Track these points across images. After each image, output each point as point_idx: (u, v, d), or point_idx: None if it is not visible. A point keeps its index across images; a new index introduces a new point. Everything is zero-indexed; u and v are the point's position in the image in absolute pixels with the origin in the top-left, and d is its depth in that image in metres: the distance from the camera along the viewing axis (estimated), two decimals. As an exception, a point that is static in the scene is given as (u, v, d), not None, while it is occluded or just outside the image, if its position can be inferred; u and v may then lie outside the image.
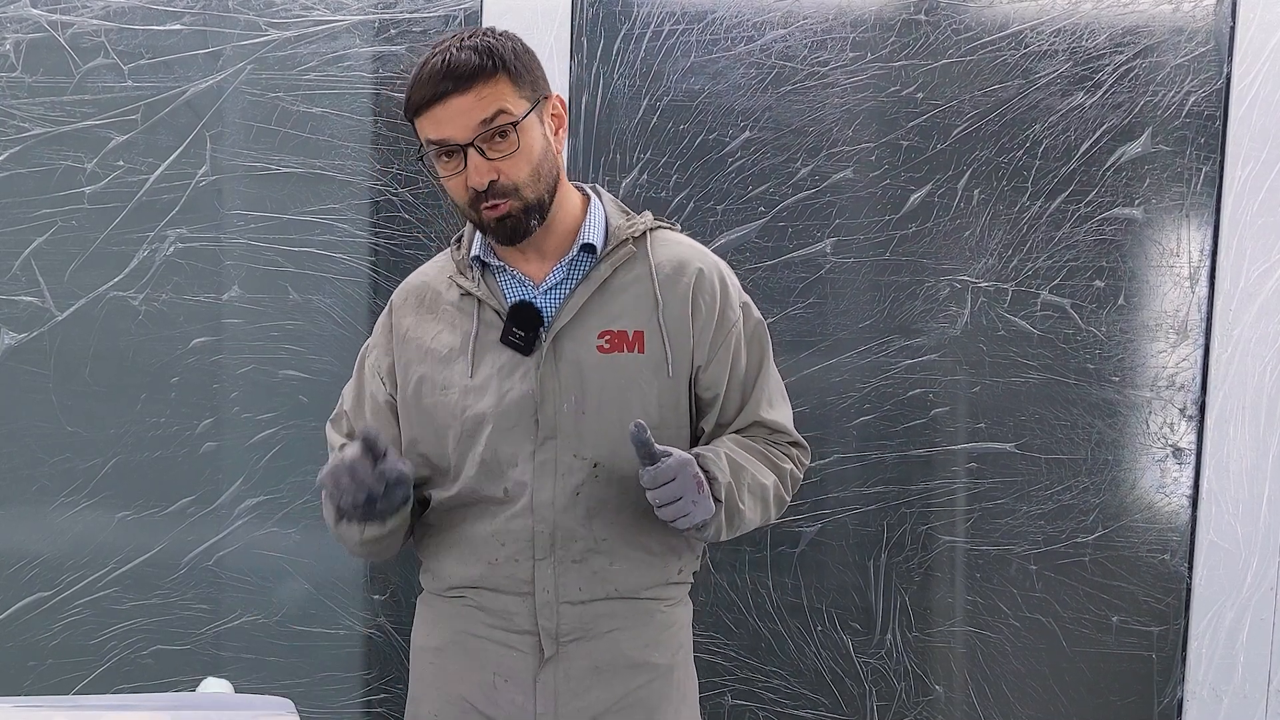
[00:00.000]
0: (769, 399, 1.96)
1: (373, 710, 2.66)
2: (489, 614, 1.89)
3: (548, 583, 1.86)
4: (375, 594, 2.64)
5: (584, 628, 1.88)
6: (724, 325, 1.91)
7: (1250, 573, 2.65)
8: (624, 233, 1.89)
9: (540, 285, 1.88)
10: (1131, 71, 2.59)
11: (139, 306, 2.54)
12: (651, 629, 1.92)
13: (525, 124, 1.77)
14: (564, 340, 1.85)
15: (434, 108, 1.76)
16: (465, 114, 1.74)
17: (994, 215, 2.61)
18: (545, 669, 1.88)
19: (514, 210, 1.79)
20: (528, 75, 1.80)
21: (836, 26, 2.57)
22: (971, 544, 2.67)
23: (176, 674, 2.59)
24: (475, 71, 1.74)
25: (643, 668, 1.91)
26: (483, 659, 1.90)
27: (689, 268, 1.90)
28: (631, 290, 1.87)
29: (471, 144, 1.75)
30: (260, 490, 2.59)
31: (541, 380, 1.83)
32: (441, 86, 1.74)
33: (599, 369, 1.84)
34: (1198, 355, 2.64)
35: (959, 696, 2.71)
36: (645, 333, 1.86)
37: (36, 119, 2.49)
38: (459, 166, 1.77)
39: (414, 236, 2.57)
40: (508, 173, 1.77)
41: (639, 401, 1.85)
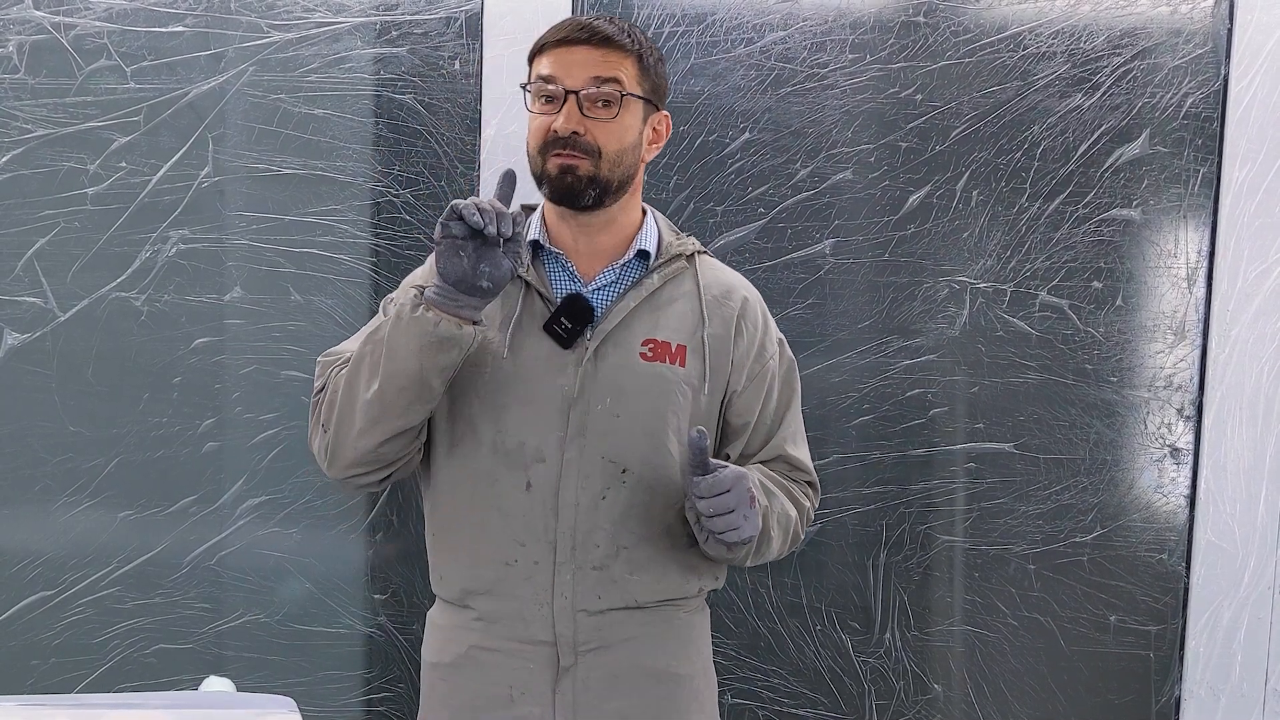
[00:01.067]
0: (794, 436, 1.98)
1: (374, 709, 2.66)
2: (503, 625, 1.86)
3: (566, 589, 1.83)
4: (376, 593, 2.65)
5: (601, 637, 1.86)
6: (762, 357, 1.94)
7: (1248, 572, 2.66)
8: (675, 249, 1.92)
9: (590, 283, 1.88)
10: (1129, 73, 2.60)
11: (141, 307, 2.54)
12: (670, 637, 1.90)
13: (630, 106, 1.82)
14: (608, 342, 1.84)
15: (559, 49, 1.80)
16: (584, 64, 1.79)
17: (992, 216, 2.62)
18: (563, 680, 1.85)
19: (583, 170, 1.79)
20: (653, 75, 1.86)
21: (836, 28, 2.58)
22: (970, 544, 2.68)
23: (179, 673, 2.59)
24: (612, 39, 1.80)
25: (662, 677, 1.89)
26: (497, 673, 1.86)
27: (735, 294, 1.94)
28: (678, 305, 1.89)
29: (578, 93, 1.78)
30: (262, 490, 2.60)
31: (580, 377, 1.82)
32: (576, 34, 1.80)
33: (640, 376, 1.84)
34: (1195, 356, 2.65)
35: (957, 695, 2.72)
36: (687, 348, 1.87)
37: (39, 120, 2.50)
38: (553, 110, 1.80)
39: (415, 238, 2.58)
40: (596, 133, 1.79)
41: (673, 414, 1.85)
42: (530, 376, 1.83)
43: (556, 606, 1.84)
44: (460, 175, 2.57)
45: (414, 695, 2.63)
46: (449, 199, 2.57)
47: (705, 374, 1.87)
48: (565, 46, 1.80)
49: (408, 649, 2.64)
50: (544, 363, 1.83)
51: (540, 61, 1.83)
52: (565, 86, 1.79)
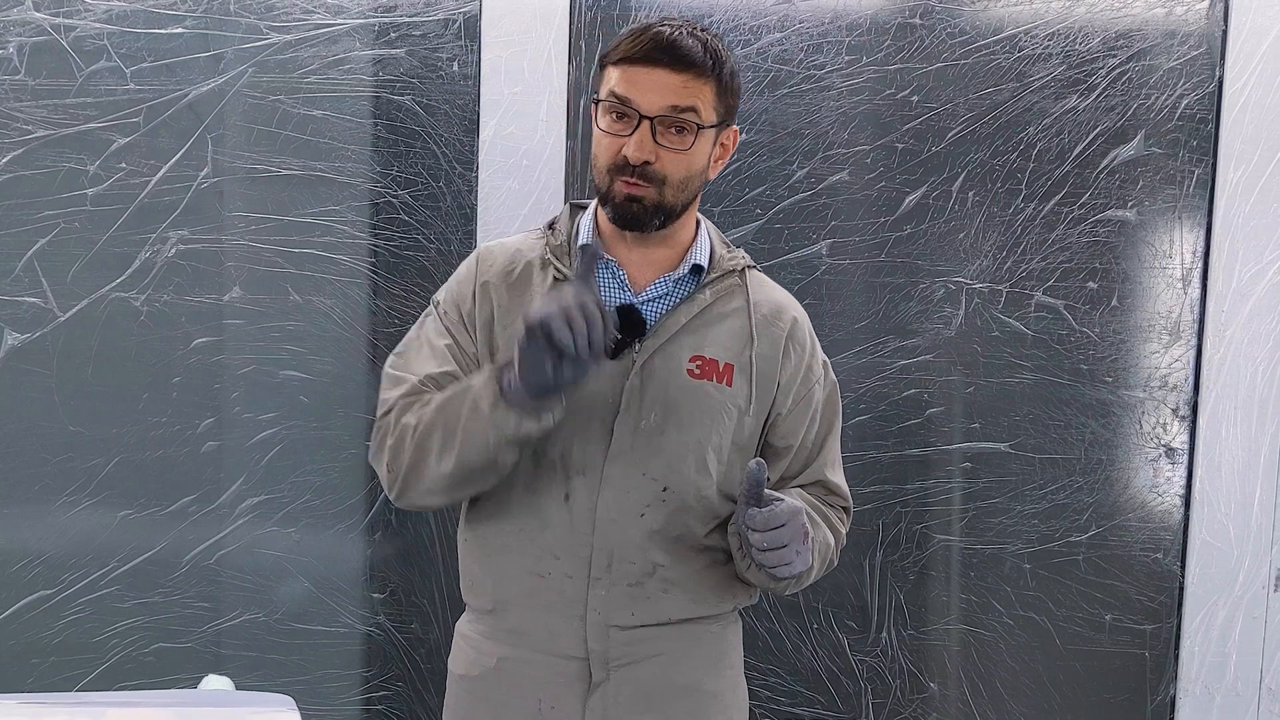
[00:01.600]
0: (833, 461, 1.96)
1: (372, 707, 2.67)
2: (533, 638, 1.83)
3: (599, 604, 1.80)
4: (375, 592, 2.65)
5: (632, 652, 1.83)
6: (809, 379, 1.91)
7: (1242, 572, 2.67)
8: (727, 264, 1.88)
9: (640, 294, 1.84)
10: (1125, 75, 2.61)
11: (141, 307, 2.55)
12: (701, 652, 1.88)
13: (704, 134, 1.76)
14: (656, 356, 1.80)
15: (638, 67, 1.73)
16: (663, 90, 1.72)
17: (988, 217, 2.63)
18: (594, 694, 1.82)
19: (648, 199, 1.75)
20: (730, 96, 1.79)
21: (832, 30, 2.59)
22: (966, 543, 2.69)
23: (178, 671, 2.60)
24: (694, 61, 1.73)
25: (692, 692, 1.87)
26: (528, 685, 1.83)
27: (785, 314, 1.91)
28: (728, 322, 1.85)
29: (652, 119, 1.73)
30: (261, 489, 2.60)
31: (626, 390, 1.79)
32: (657, 55, 1.72)
33: (687, 393, 1.80)
34: (1190, 356, 2.66)
35: (953, 694, 2.72)
36: (735, 367, 1.83)
37: (39, 121, 2.51)
38: (624, 130, 1.74)
39: (413, 238, 2.58)
40: (666, 163, 1.74)
41: (717, 434, 1.82)
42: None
43: (589, 621, 1.81)
44: (459, 176, 2.57)
45: (413, 694, 2.64)
46: (447, 199, 2.58)
47: (751, 395, 1.84)
48: (644, 66, 1.72)
49: (406, 648, 2.65)
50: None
51: (614, 76, 1.75)
52: (641, 111, 1.73)
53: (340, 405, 2.59)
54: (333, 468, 2.61)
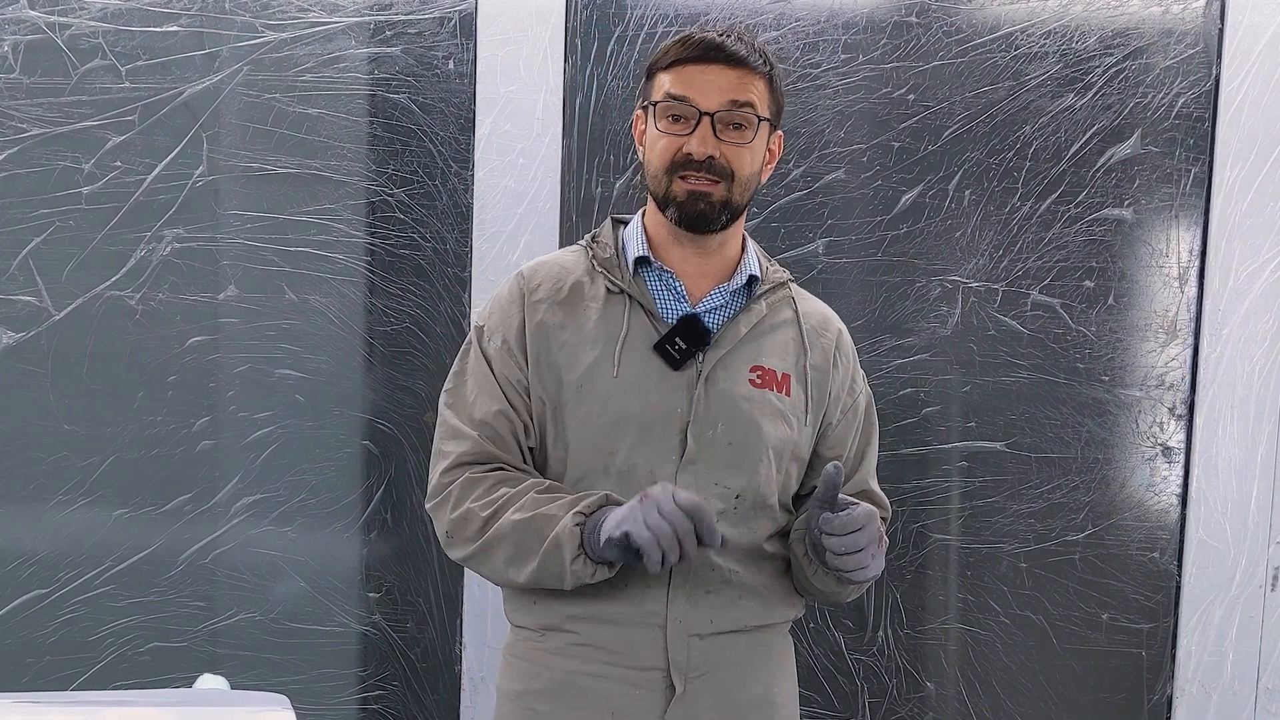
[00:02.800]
0: (874, 472, 1.99)
1: (368, 707, 2.67)
2: (607, 651, 1.80)
3: (680, 614, 1.79)
4: (370, 592, 2.65)
5: (710, 662, 1.82)
6: (854, 390, 1.95)
7: (1239, 571, 2.67)
8: (773, 277, 1.90)
9: (698, 305, 1.84)
10: (1121, 73, 2.61)
11: (136, 306, 2.54)
12: (771, 665, 1.90)
13: (761, 127, 1.79)
14: (720, 367, 1.81)
15: (693, 66, 1.75)
16: (722, 86, 1.75)
17: (985, 216, 2.63)
18: (674, 707, 1.80)
19: (716, 196, 1.77)
20: (778, 95, 1.83)
21: (828, 29, 2.59)
22: (963, 542, 2.69)
23: (173, 671, 2.59)
24: (746, 59, 1.76)
25: (764, 704, 1.87)
26: (599, 700, 1.80)
27: (832, 325, 1.94)
28: (781, 333, 1.87)
29: (712, 115, 1.74)
30: (256, 488, 2.60)
31: (694, 401, 1.79)
32: (712, 53, 1.75)
33: (750, 402, 1.81)
34: (1187, 355, 2.66)
35: (950, 693, 2.72)
36: (792, 377, 1.85)
37: (34, 120, 2.50)
38: (684, 130, 1.75)
39: (409, 237, 2.58)
40: (731, 157, 1.76)
41: (777, 442, 1.83)
42: (642, 398, 1.79)
43: (670, 631, 1.79)
44: (455, 174, 2.57)
45: (408, 693, 2.64)
46: (443, 198, 2.58)
47: (808, 404, 1.86)
48: (698, 65, 1.75)
49: (402, 647, 2.64)
50: (655, 384, 1.79)
51: (666, 79, 1.77)
52: (700, 108, 1.74)
53: (336, 404, 2.59)
54: (328, 467, 2.60)
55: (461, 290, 2.57)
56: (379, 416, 2.60)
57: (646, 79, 1.83)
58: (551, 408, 1.82)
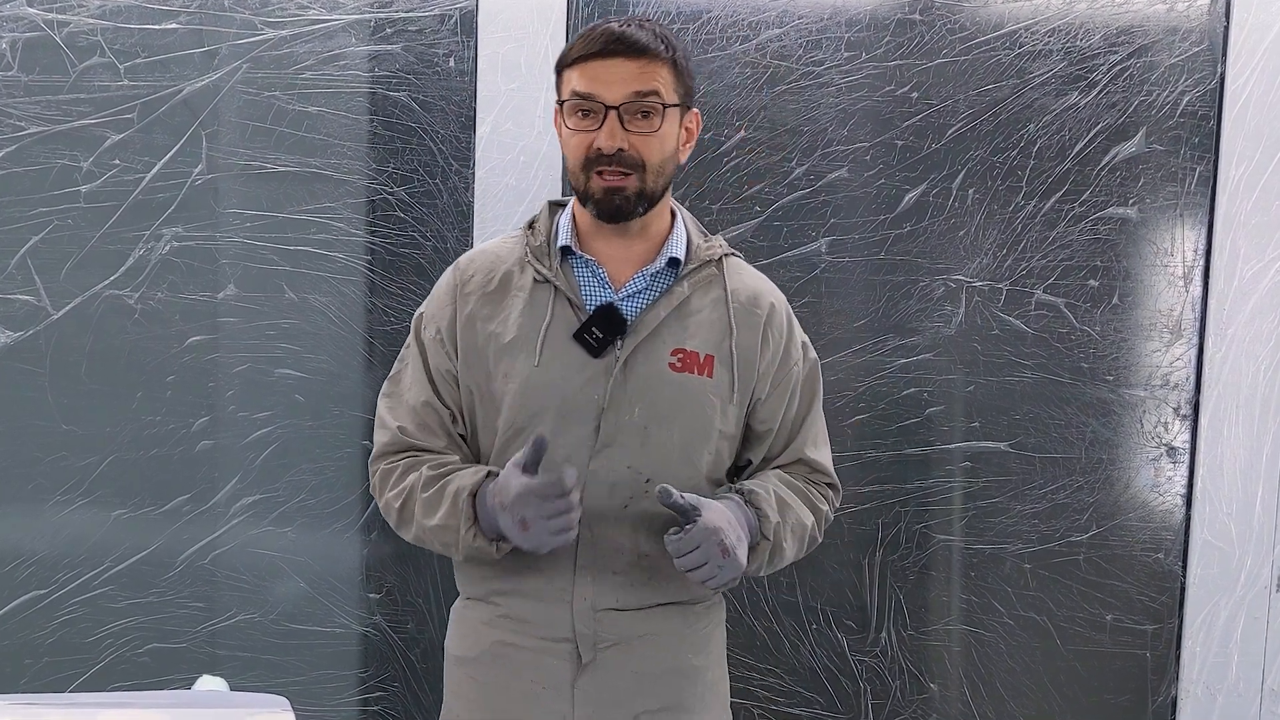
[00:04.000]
0: (814, 439, 1.99)
1: (369, 708, 2.66)
2: (525, 623, 1.88)
3: (586, 591, 1.85)
4: (371, 592, 2.64)
5: (621, 634, 1.87)
6: (787, 363, 1.95)
7: (1244, 571, 2.66)
8: (704, 254, 1.91)
9: (620, 290, 1.87)
10: (1126, 71, 2.60)
11: (135, 305, 2.54)
12: (688, 631, 1.93)
13: (669, 113, 1.81)
14: (638, 352, 1.84)
15: (595, 62, 1.77)
16: (623, 79, 1.77)
17: (989, 215, 2.62)
18: (583, 675, 1.87)
19: (630, 189, 1.80)
20: (686, 78, 1.84)
21: (832, 26, 2.58)
22: (966, 543, 2.68)
23: (172, 672, 2.59)
24: (646, 47, 1.78)
25: (681, 671, 1.91)
26: (521, 668, 1.88)
27: (763, 300, 1.94)
28: (707, 313, 1.89)
29: (617, 108, 1.77)
30: (256, 489, 2.59)
31: (610, 388, 1.82)
32: (610, 46, 1.77)
33: (669, 386, 1.84)
34: (1192, 354, 2.65)
35: (954, 695, 2.71)
36: (716, 358, 1.87)
37: (33, 117, 2.49)
38: (592, 126, 1.78)
39: (410, 235, 2.57)
40: (640, 147, 1.79)
41: (700, 424, 1.86)
42: (562, 386, 1.83)
43: (576, 607, 1.85)
44: (455, 173, 2.56)
45: (409, 694, 2.63)
46: (444, 196, 2.57)
47: (733, 384, 1.88)
48: (600, 59, 1.77)
49: (402, 648, 2.63)
50: (574, 372, 1.83)
51: (573, 76, 1.80)
52: (605, 102, 1.77)
53: (336, 404, 2.58)
54: (328, 467, 2.60)
55: (462, 289, 2.56)
56: (379, 416, 2.59)
57: (557, 76, 1.84)
58: (480, 396, 1.88)
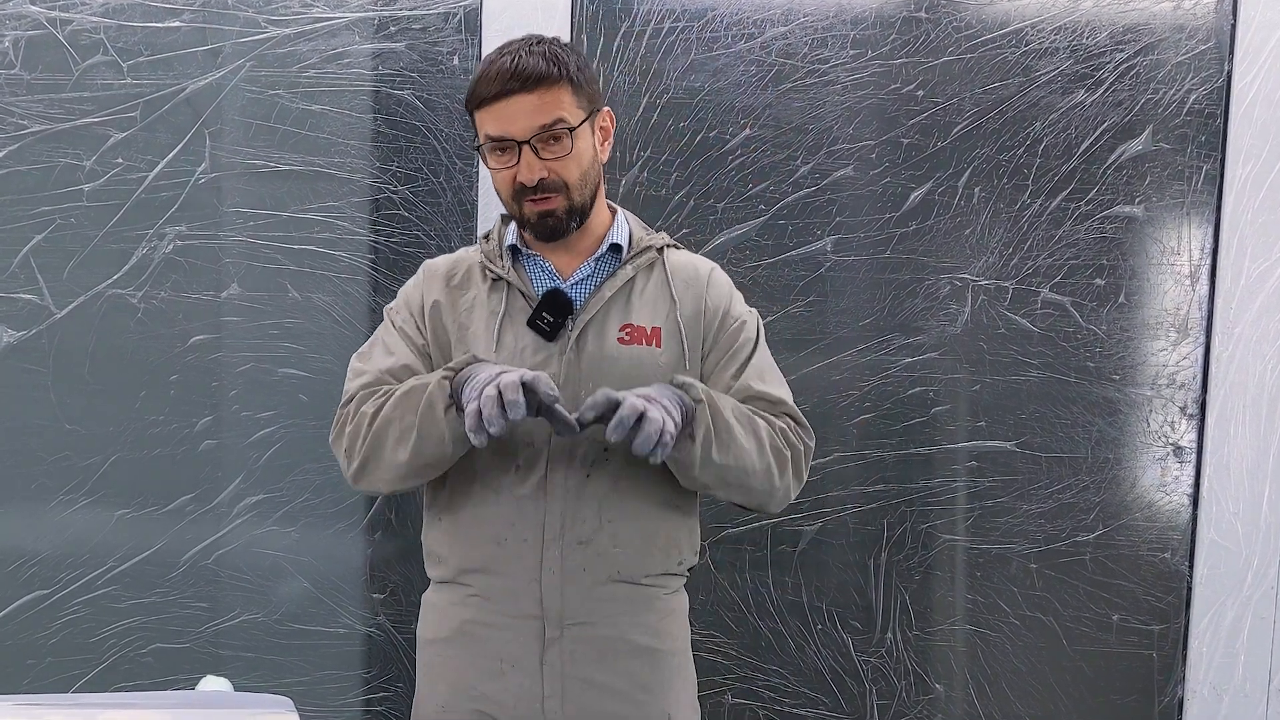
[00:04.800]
0: (761, 374, 2.03)
1: (372, 709, 2.65)
2: (493, 601, 1.94)
3: (554, 564, 1.92)
4: (375, 592, 2.64)
5: (588, 610, 1.93)
6: (727, 324, 2.03)
7: (1251, 571, 2.65)
8: (645, 242, 2.02)
9: (568, 279, 1.98)
10: (1132, 69, 2.59)
11: (138, 304, 2.53)
12: (653, 615, 1.99)
13: (579, 131, 1.90)
14: (588, 331, 1.94)
15: (497, 104, 1.86)
16: (526, 115, 1.86)
17: (994, 213, 2.61)
18: (550, 651, 1.93)
19: (559, 209, 1.91)
20: (587, 87, 1.92)
21: (837, 24, 2.57)
22: (972, 542, 2.67)
23: (175, 672, 2.59)
24: (541, 76, 1.86)
25: (647, 652, 1.97)
26: (488, 646, 1.95)
27: (701, 271, 2.04)
28: (650, 291, 1.99)
29: (528, 142, 1.86)
30: (259, 488, 2.59)
31: (564, 365, 1.92)
32: (508, 85, 1.85)
33: (619, 360, 1.94)
34: (1198, 353, 2.64)
35: (959, 695, 2.70)
36: (663, 330, 1.97)
37: (35, 116, 2.49)
38: (511, 161, 1.88)
39: (413, 234, 2.57)
40: (559, 170, 1.89)
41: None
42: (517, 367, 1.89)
43: (545, 582, 1.92)
44: (459, 171, 2.55)
45: (411, 695, 2.62)
46: (447, 195, 2.56)
47: (682, 352, 1.97)
48: (501, 100, 1.85)
49: (406, 648, 2.63)
50: (529, 355, 1.93)
51: (483, 118, 1.89)
52: (516, 139, 1.86)
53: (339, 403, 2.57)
54: (332, 466, 2.58)
55: (466, 288, 2.56)
56: (383, 416, 2.58)
57: (470, 117, 1.92)
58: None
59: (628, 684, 1.95)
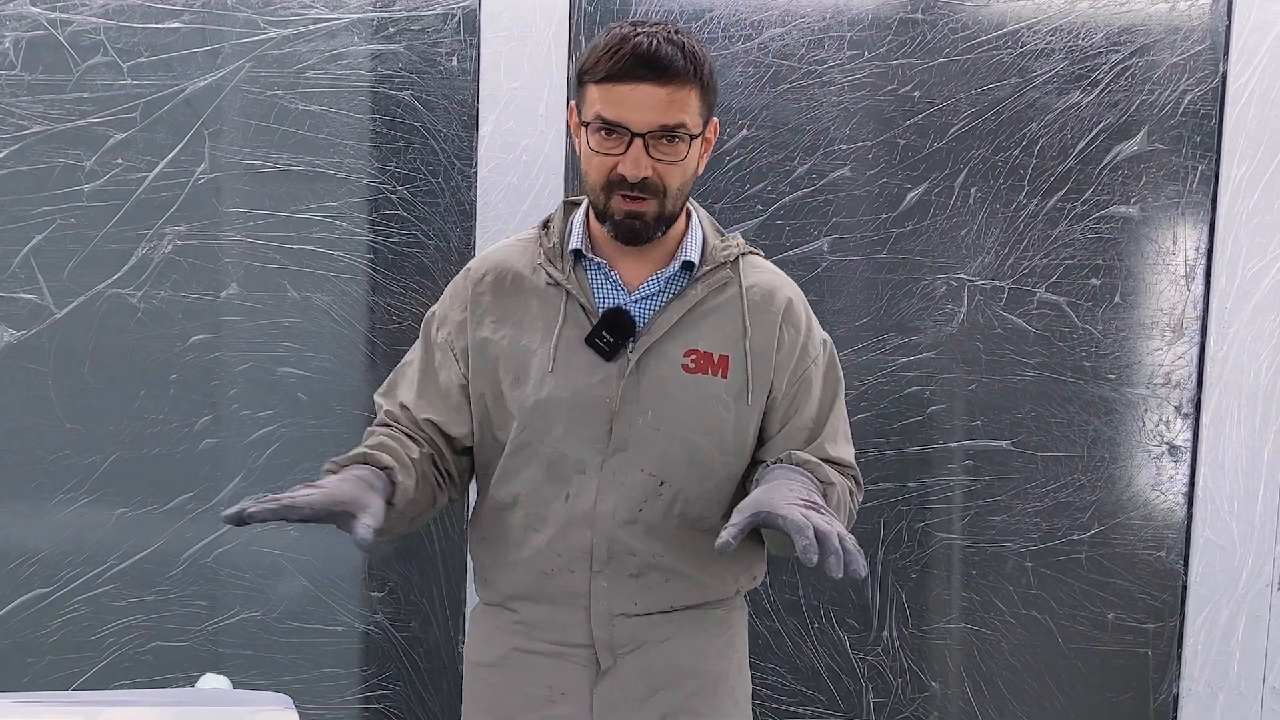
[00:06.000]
0: (834, 435, 1.93)
1: (371, 706, 2.66)
2: (541, 628, 1.88)
3: (602, 595, 1.84)
4: (373, 591, 2.64)
5: (639, 639, 1.87)
6: (804, 360, 1.90)
7: (1246, 570, 2.66)
8: (719, 255, 1.87)
9: (633, 293, 1.85)
10: (1128, 70, 2.60)
11: (138, 304, 2.54)
12: (705, 635, 1.91)
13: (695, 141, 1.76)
14: (650, 354, 1.82)
15: (622, 86, 1.70)
16: (651, 108, 1.70)
17: (990, 213, 2.62)
18: (601, 682, 1.86)
19: (649, 213, 1.76)
20: (711, 95, 1.79)
21: (834, 25, 2.58)
22: (968, 541, 2.68)
23: (175, 670, 2.59)
24: (677, 72, 1.71)
25: (697, 674, 1.90)
26: (537, 674, 1.88)
27: (779, 296, 1.89)
28: (721, 313, 1.85)
29: (644, 136, 1.72)
30: (259, 487, 2.59)
31: (622, 390, 1.81)
32: (639, 71, 1.69)
33: (682, 388, 1.82)
34: (1193, 353, 2.65)
35: (955, 693, 2.71)
36: (730, 358, 1.84)
37: (36, 117, 2.49)
38: (617, 149, 1.73)
39: (412, 234, 2.57)
40: (663, 174, 1.74)
41: (714, 425, 1.84)
42: (574, 389, 1.81)
43: (594, 611, 1.85)
44: (458, 172, 2.56)
45: (410, 693, 2.63)
46: (446, 195, 2.57)
47: (748, 384, 1.85)
48: (627, 84, 1.70)
49: (405, 646, 2.64)
50: (586, 375, 1.81)
51: (597, 96, 1.73)
52: (632, 130, 1.71)
53: (339, 402, 2.58)
54: (331, 465, 2.59)
55: (465, 288, 2.56)
56: (382, 415, 2.59)
57: (578, 83, 1.78)
58: (491, 398, 1.87)
59: (680, 708, 1.88)
